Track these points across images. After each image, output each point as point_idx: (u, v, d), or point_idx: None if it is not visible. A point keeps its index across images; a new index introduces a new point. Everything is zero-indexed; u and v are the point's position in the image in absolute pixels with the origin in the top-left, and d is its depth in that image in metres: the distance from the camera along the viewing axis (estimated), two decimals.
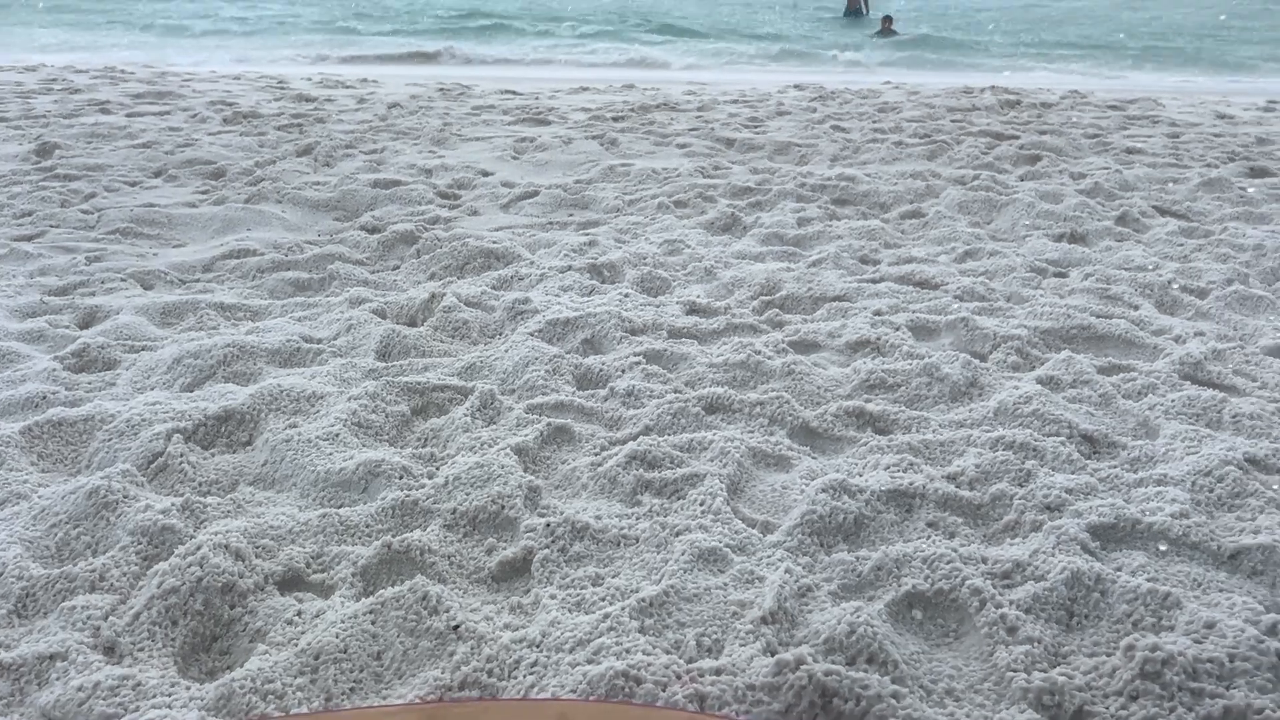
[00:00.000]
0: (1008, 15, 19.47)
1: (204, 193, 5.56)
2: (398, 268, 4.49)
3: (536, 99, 9.02)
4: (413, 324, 3.62)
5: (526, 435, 2.62)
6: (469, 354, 3.27)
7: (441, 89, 9.58)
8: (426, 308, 3.68)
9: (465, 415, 2.77)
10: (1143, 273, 4.20)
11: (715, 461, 2.48)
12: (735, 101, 8.93)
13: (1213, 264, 4.34)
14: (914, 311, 3.66)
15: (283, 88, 9.57)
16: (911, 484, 2.35)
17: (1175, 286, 4.03)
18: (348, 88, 9.69)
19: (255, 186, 5.62)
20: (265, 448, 2.63)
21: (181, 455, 2.52)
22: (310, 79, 10.48)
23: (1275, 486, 2.41)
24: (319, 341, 3.43)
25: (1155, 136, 7.30)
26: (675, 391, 2.92)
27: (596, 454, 2.59)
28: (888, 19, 15.87)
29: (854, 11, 17.63)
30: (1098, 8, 19.93)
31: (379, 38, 17.86)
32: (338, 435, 2.62)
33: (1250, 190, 5.67)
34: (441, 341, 3.41)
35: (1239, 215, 5.16)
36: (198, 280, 4.22)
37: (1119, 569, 2.08)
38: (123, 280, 4.08)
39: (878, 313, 3.63)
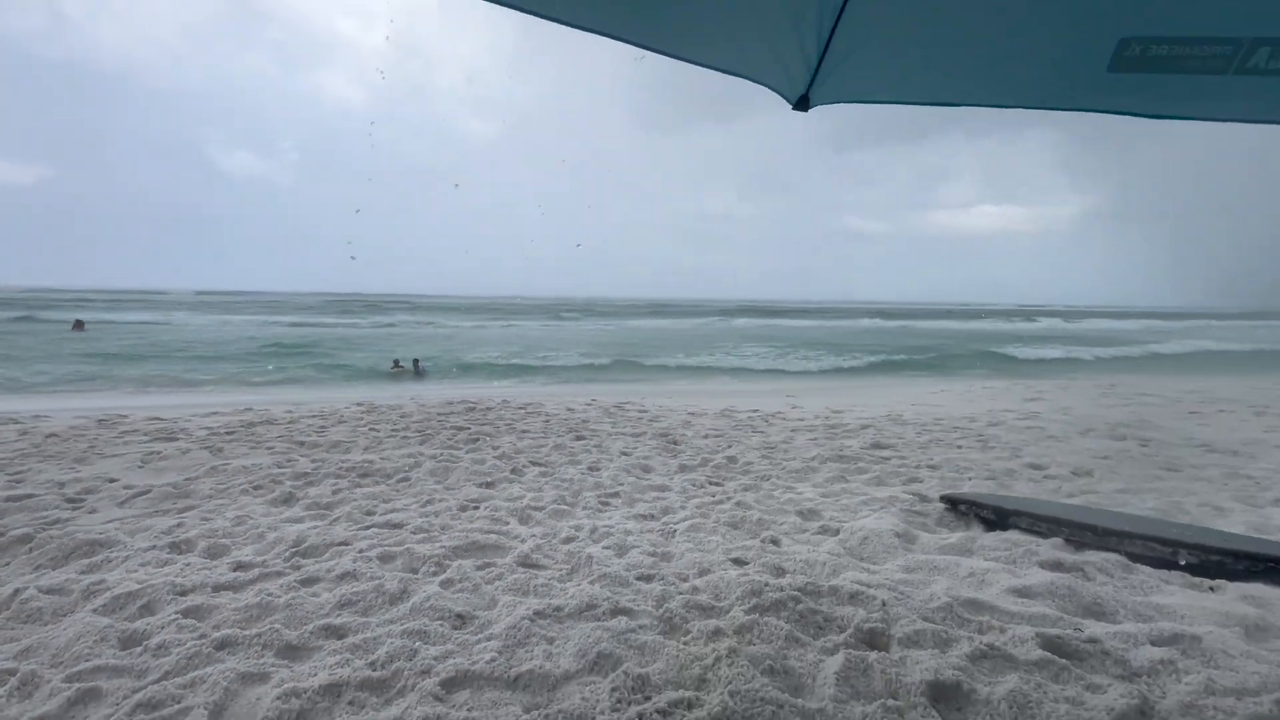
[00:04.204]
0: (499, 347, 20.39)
1: None
2: (8, 564, 3.26)
3: (175, 422, 7.41)
4: None
5: (51, 704, 1.92)
6: (33, 637, 2.38)
7: (102, 420, 7.51)
8: (9, 602, 2.67)
9: (3, 696, 1.97)
10: (515, 501, 4.32)
11: (206, 692, 1.99)
12: (315, 416, 8.08)
13: (551, 490, 4.62)
14: (384, 546, 3.37)
15: None
16: (340, 676, 2.07)
17: (530, 509, 4.17)
18: (17, 424, 7.22)
19: None
20: None
21: None
22: None
23: (549, 628, 2.46)
24: None
25: (538, 422, 7.75)
26: (200, 638, 2.35)
27: (115, 705, 1.96)
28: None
29: (401, 369, 16.50)
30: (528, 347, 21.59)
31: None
32: None
33: (576, 447, 6.22)
34: (12, 629, 2.46)
35: (568, 461, 5.60)
36: None
37: (456, 705, 1.97)
38: None
39: (361, 550, 3.30)
